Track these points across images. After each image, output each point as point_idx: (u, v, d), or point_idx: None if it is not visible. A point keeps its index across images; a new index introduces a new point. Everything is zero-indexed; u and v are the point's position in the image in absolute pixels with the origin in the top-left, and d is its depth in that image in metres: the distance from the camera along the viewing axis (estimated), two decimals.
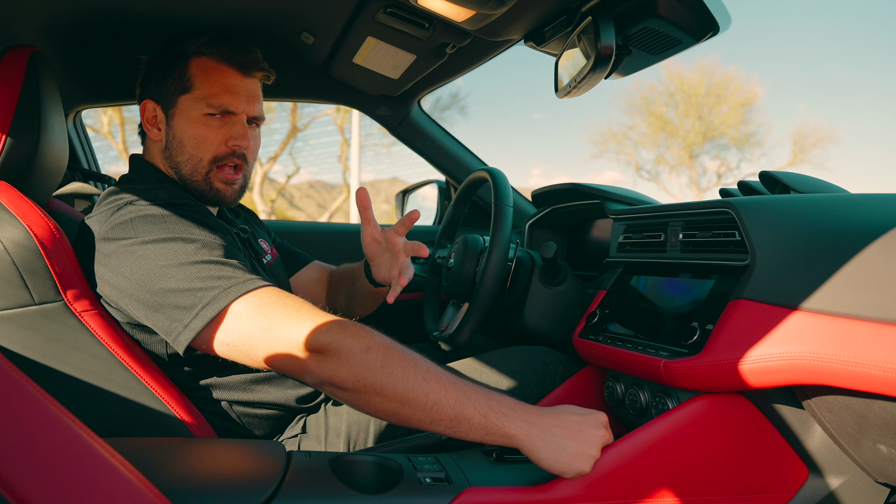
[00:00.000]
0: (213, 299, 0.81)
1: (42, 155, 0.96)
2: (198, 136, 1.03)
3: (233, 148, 1.04)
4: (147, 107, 1.06)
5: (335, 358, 0.76)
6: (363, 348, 0.76)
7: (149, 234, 0.87)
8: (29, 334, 0.85)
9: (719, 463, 0.85)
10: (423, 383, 0.76)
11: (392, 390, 0.75)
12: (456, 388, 0.77)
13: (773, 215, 0.88)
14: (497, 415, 0.76)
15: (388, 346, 0.78)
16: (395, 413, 0.76)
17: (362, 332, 0.78)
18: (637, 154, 20.45)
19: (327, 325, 0.78)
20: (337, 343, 0.76)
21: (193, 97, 1.03)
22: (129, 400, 0.88)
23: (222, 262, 0.85)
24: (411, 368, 0.77)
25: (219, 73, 1.03)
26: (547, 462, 0.76)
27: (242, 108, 1.04)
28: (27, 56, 0.95)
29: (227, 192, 1.07)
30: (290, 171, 16.61)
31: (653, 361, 0.91)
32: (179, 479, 0.69)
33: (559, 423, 0.78)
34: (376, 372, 0.75)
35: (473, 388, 0.78)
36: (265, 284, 0.84)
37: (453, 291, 1.30)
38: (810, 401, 0.83)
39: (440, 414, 0.75)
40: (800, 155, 18.57)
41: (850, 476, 0.88)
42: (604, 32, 0.88)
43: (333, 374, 0.76)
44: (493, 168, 1.32)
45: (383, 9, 1.14)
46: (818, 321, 0.76)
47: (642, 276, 1.09)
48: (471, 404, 0.76)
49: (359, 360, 0.76)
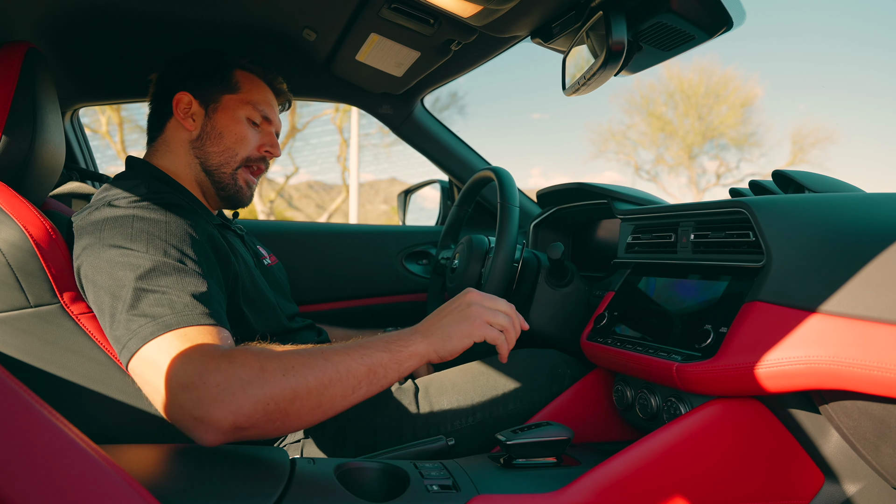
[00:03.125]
0: (134, 334, 0.76)
1: (38, 154, 0.94)
2: (239, 133, 1.10)
3: (265, 154, 1.14)
4: (183, 98, 1.09)
5: (231, 396, 0.69)
6: (257, 370, 0.71)
7: (111, 239, 0.84)
8: (24, 337, 0.82)
9: (733, 469, 0.83)
10: (327, 362, 0.75)
11: (305, 388, 0.73)
12: (353, 347, 0.79)
13: (789, 215, 0.86)
14: (397, 343, 0.81)
15: (279, 355, 0.75)
16: (319, 406, 0.74)
17: (250, 355, 0.73)
18: (636, 154, 20.47)
19: (214, 364, 0.72)
20: (227, 379, 0.70)
21: (240, 99, 1.11)
22: (127, 405, 0.86)
23: (160, 292, 0.79)
24: (309, 358, 0.75)
25: (261, 87, 1.15)
26: (448, 348, 0.83)
27: (276, 122, 1.18)
28: (22, 53, 0.93)
29: (247, 193, 1.15)
30: (288, 171, 16.59)
31: (665, 365, 0.89)
32: (179, 488, 0.67)
33: (437, 316, 0.87)
34: (281, 383, 0.72)
35: (365, 339, 0.81)
36: (188, 324, 0.77)
37: (458, 293, 1.28)
38: (828, 406, 0.81)
39: (356, 376, 0.76)
40: (799, 155, 18.60)
41: (867, 482, 0.86)
42: (615, 27, 0.86)
43: (235, 415, 0.69)
44: (498, 167, 1.29)
45: (388, 4, 1.11)
46: (838, 324, 0.74)
47: (652, 278, 1.07)
48: (374, 350, 0.79)
49: (257, 385, 0.71)
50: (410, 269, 1.80)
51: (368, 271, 1.76)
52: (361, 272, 1.75)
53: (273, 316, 1.06)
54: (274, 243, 1.57)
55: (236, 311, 0.97)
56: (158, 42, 1.28)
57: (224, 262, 0.96)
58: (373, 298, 1.77)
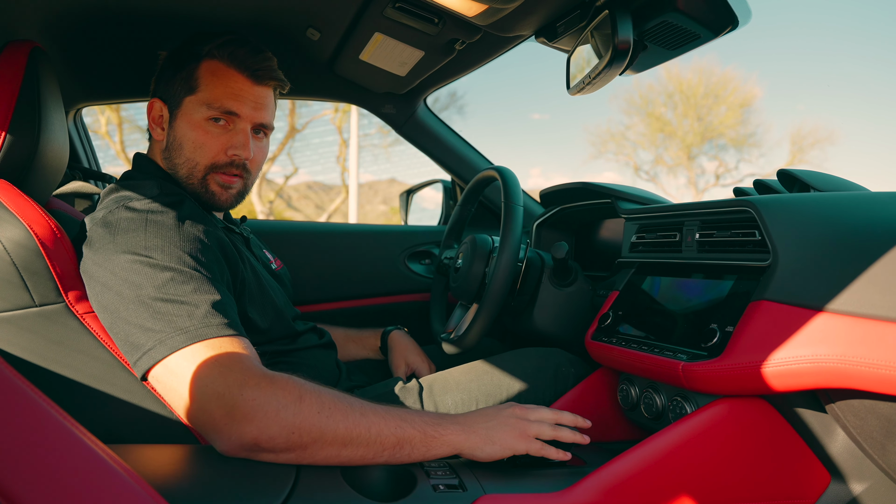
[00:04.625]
0: (157, 344, 0.77)
1: (42, 153, 0.94)
2: (196, 140, 1.00)
3: (232, 157, 1.01)
4: (154, 105, 1.05)
5: (262, 415, 0.72)
6: (296, 398, 0.73)
7: (126, 244, 0.83)
8: (29, 337, 0.82)
9: (739, 468, 0.83)
10: (363, 418, 0.75)
11: (333, 434, 0.73)
12: (391, 414, 0.78)
13: (795, 214, 0.86)
14: (433, 427, 0.79)
15: (320, 391, 0.76)
16: (336, 456, 0.74)
17: (291, 382, 0.75)
18: (635, 155, 20.49)
19: (255, 381, 0.74)
20: (265, 398, 0.72)
21: (197, 99, 1.00)
22: (133, 405, 0.86)
23: (178, 301, 0.80)
24: (348, 407, 0.75)
25: (227, 77, 1.00)
26: (487, 451, 0.80)
27: (247, 114, 1.01)
28: (27, 52, 0.93)
29: (223, 196, 1.04)
30: (288, 171, 16.58)
31: (670, 364, 0.88)
32: (186, 488, 0.67)
33: (481, 417, 0.84)
34: (313, 419, 0.73)
35: (404, 409, 0.80)
36: (212, 336, 0.78)
37: (461, 292, 1.28)
38: (834, 405, 0.81)
39: (382, 444, 0.75)
40: (798, 156, 18.61)
41: (873, 482, 0.86)
42: (621, 27, 0.86)
43: (260, 434, 0.72)
44: (502, 167, 1.29)
45: (392, 4, 1.11)
46: (845, 323, 0.74)
47: (656, 277, 1.07)
48: (408, 425, 0.77)
49: (291, 411, 0.73)
50: (413, 269, 1.80)
51: (371, 271, 1.76)
52: (364, 272, 1.75)
53: (279, 319, 1.06)
54: (277, 243, 1.57)
55: (242, 315, 0.97)
56: (162, 41, 1.28)
57: (232, 267, 0.95)
58: (375, 298, 1.77)
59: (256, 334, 0.98)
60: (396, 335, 1.38)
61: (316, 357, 1.12)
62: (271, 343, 1.02)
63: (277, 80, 1.06)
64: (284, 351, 1.05)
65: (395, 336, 1.37)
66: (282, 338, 1.06)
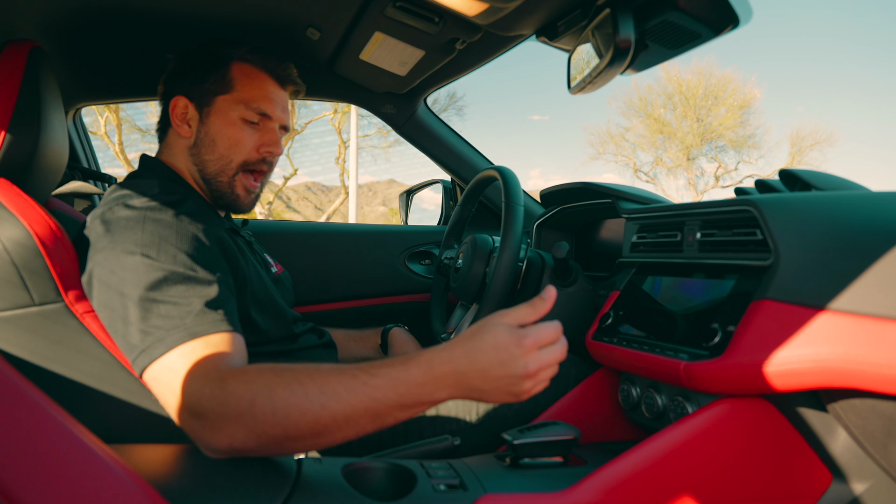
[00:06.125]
0: (151, 345, 0.77)
1: (42, 152, 0.94)
2: (232, 137, 1.05)
3: (264, 154, 1.08)
4: (178, 103, 1.05)
5: (226, 423, 0.69)
6: (248, 403, 0.69)
7: (123, 243, 0.83)
8: (29, 336, 0.82)
9: (741, 468, 0.83)
10: (322, 409, 0.69)
11: (297, 431, 0.69)
12: (357, 391, 0.69)
13: (797, 213, 0.86)
14: (420, 388, 0.70)
15: (272, 387, 0.70)
16: (316, 445, 0.71)
17: (242, 387, 0.70)
18: (635, 156, 20.51)
19: (209, 389, 0.71)
20: (221, 408, 0.70)
21: (233, 99, 1.04)
22: (132, 404, 0.85)
23: (171, 302, 0.79)
24: (303, 399, 0.69)
25: (260, 80, 1.07)
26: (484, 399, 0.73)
27: (277, 116, 1.08)
28: (26, 51, 0.93)
29: (246, 200, 1.10)
30: (287, 172, 16.58)
31: (672, 364, 0.88)
32: (186, 487, 0.67)
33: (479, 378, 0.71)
34: (271, 420, 0.69)
35: (373, 377, 0.70)
36: (197, 335, 0.77)
37: (462, 292, 1.28)
38: (836, 404, 0.81)
39: (359, 423, 0.70)
40: (797, 157, 18.64)
41: (874, 481, 0.85)
42: (622, 25, 0.86)
43: (232, 440, 0.70)
44: (502, 167, 1.29)
45: (393, 3, 1.11)
46: (848, 322, 0.74)
47: (657, 277, 1.07)
48: (381, 395, 0.69)
49: (249, 417, 0.69)
50: (413, 270, 1.80)
51: (371, 271, 1.76)
52: (364, 272, 1.75)
53: (281, 320, 1.06)
54: (276, 244, 1.57)
55: (245, 315, 0.96)
56: (161, 41, 1.28)
57: (234, 266, 0.95)
58: (375, 299, 1.76)
59: (257, 334, 0.98)
60: (397, 332, 1.38)
61: (316, 357, 1.12)
62: (271, 343, 1.02)
63: (296, 86, 1.14)
64: (284, 351, 1.05)
65: (396, 333, 1.37)
66: (282, 338, 1.06)
